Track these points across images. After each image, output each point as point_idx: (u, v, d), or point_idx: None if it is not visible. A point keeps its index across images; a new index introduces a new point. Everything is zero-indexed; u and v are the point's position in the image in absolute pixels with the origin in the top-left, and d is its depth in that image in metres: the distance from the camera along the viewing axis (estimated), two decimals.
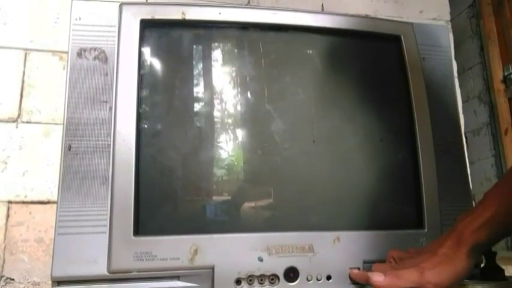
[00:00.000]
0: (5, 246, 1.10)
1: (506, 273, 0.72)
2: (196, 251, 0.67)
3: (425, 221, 0.76)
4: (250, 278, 0.68)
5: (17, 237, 1.12)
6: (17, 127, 1.17)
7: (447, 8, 1.59)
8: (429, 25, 0.93)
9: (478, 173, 1.36)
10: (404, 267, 0.62)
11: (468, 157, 1.07)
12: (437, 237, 0.65)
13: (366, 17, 1.40)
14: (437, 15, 1.57)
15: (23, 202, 1.14)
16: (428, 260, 0.60)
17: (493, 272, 0.70)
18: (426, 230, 0.75)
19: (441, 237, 0.64)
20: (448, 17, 1.58)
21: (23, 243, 1.12)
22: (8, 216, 1.12)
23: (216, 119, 0.78)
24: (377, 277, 0.61)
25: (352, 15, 0.99)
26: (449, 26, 1.55)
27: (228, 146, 0.76)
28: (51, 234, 1.01)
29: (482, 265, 0.72)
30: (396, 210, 0.79)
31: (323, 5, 1.47)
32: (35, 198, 1.15)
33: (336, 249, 0.71)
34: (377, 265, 0.69)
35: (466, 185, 0.83)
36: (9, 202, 1.13)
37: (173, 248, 0.66)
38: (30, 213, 1.14)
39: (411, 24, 0.86)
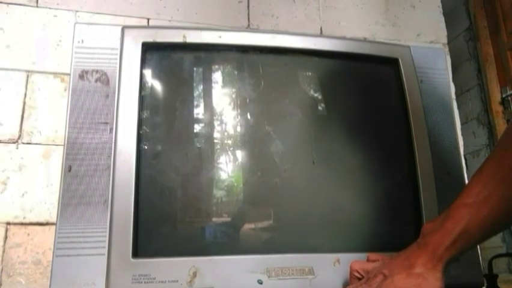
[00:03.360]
0: (2, 268, 1.09)
1: None
2: (195, 274, 0.66)
3: None
4: None
5: (15, 259, 1.11)
6: (17, 148, 1.18)
7: (444, 31, 1.61)
8: (426, 48, 0.94)
9: None
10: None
11: (468, 179, 1.07)
12: (406, 249, 0.61)
13: (364, 40, 1.42)
14: (434, 38, 1.59)
15: (22, 223, 1.13)
16: (405, 282, 0.56)
17: None
18: None
19: (411, 251, 0.60)
20: (445, 40, 1.60)
21: (20, 265, 1.10)
22: (6, 237, 1.11)
23: (216, 141, 0.78)
24: None
25: (350, 39, 1.00)
26: (447, 49, 1.57)
27: (228, 167, 0.76)
28: (49, 256, 1.00)
29: None
30: (396, 232, 0.79)
31: (321, 28, 1.49)
32: (34, 220, 1.14)
33: (337, 272, 0.70)
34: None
35: None
36: (8, 223, 1.12)
37: (172, 271, 0.66)
38: (28, 234, 1.13)
39: (409, 47, 0.87)
